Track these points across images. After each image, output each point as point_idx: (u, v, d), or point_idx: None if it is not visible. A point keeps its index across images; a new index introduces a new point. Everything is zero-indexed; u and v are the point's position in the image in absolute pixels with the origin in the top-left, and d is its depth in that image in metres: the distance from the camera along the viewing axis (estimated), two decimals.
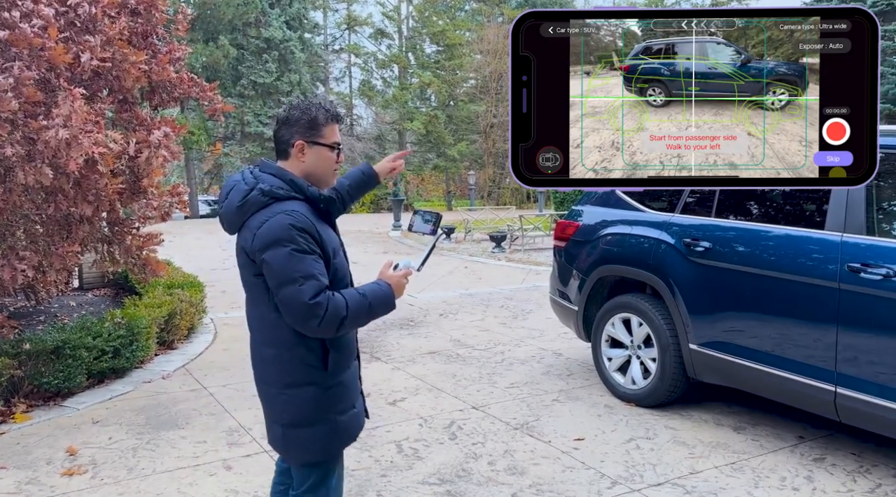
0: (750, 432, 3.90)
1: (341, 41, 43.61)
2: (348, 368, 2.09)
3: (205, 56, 30.79)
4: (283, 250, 1.87)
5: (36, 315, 5.96)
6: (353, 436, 2.13)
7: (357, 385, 2.15)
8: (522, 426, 4.03)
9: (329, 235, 2.02)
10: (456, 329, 6.74)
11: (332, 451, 2.11)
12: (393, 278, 2.06)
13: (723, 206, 3.96)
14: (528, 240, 15.10)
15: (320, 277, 1.90)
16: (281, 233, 1.88)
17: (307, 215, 1.94)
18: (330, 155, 2.04)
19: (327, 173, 2.07)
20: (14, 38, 3.69)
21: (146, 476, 3.41)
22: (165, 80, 5.14)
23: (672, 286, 4.03)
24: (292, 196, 1.96)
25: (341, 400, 2.06)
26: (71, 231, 4.70)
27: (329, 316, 1.89)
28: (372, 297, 1.98)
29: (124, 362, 5.03)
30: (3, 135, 3.64)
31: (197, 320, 6.72)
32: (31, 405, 4.41)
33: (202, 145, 28.55)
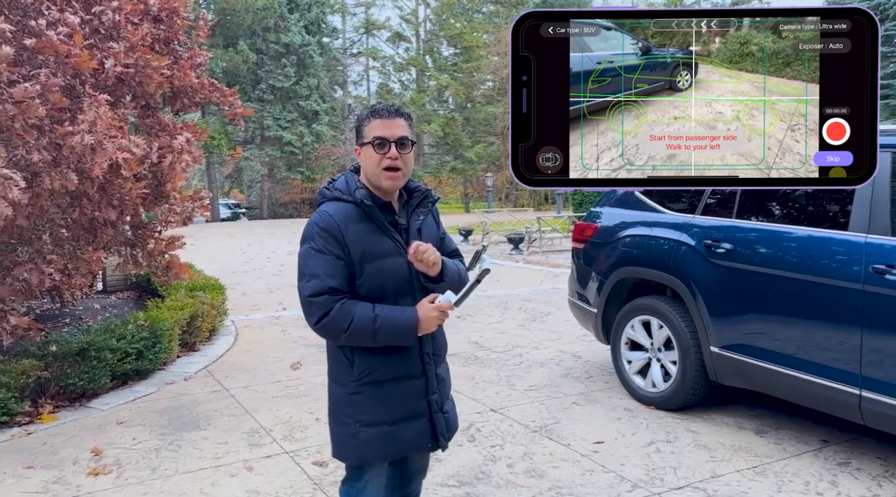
0: (772, 436, 3.86)
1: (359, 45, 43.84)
2: (385, 383, 1.99)
3: (225, 61, 31.13)
4: (304, 247, 1.98)
5: (61, 317, 6.06)
6: (381, 454, 2.03)
7: (404, 407, 2.02)
8: (541, 429, 4.03)
9: (366, 240, 1.94)
10: (474, 331, 6.74)
11: (353, 458, 2.05)
12: (425, 309, 1.95)
13: (744, 207, 3.93)
14: (546, 242, 15.06)
15: (326, 278, 1.89)
16: (307, 230, 1.98)
17: (335, 216, 1.94)
18: (371, 152, 1.96)
19: (374, 173, 1.97)
20: (41, 46, 3.76)
21: (169, 476, 3.45)
22: (187, 85, 5.21)
23: (693, 288, 3.99)
24: (337, 197, 2.00)
25: (367, 411, 1.99)
26: (96, 235, 4.78)
27: (328, 322, 1.87)
28: (382, 322, 1.90)
29: (147, 364, 5.10)
30: (31, 141, 3.72)
31: (218, 322, 6.80)
32: (58, 406, 4.49)
33: (223, 150, 28.86)
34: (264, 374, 5.33)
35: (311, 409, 4.41)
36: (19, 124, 3.64)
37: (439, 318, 1.96)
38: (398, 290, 1.99)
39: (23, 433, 4.06)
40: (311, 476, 3.40)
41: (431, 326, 1.97)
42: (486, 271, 1.91)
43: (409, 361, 2.03)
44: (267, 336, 6.71)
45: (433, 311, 1.94)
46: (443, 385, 2.14)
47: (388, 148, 1.93)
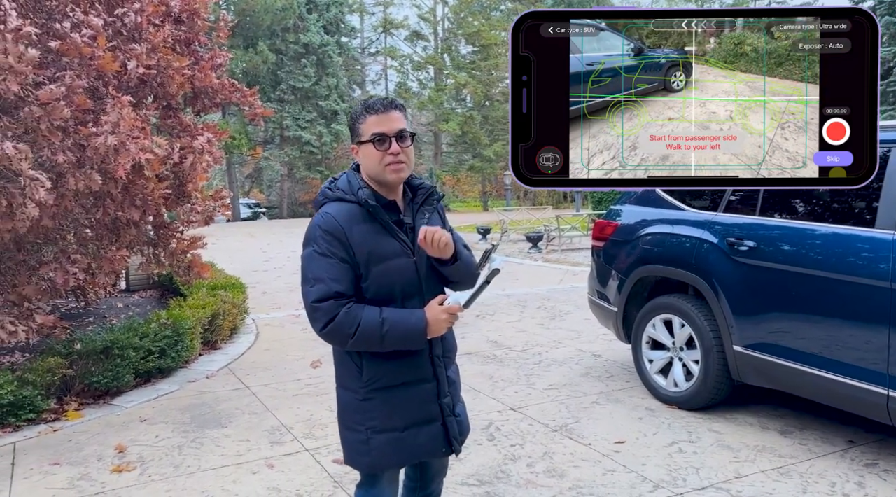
0: (797, 436, 3.80)
1: (377, 44, 43.97)
2: (396, 389, 1.95)
3: (245, 62, 31.38)
4: (307, 250, 1.92)
5: (86, 316, 6.15)
6: (394, 461, 2.00)
7: (416, 412, 1.98)
8: (561, 428, 4.00)
9: (371, 241, 1.89)
10: (493, 330, 6.73)
11: (365, 465, 2.01)
12: (433, 311, 1.89)
13: (767, 204, 3.87)
14: (566, 240, 14.99)
15: (330, 282, 1.83)
16: (310, 233, 1.92)
17: (338, 217, 1.88)
18: (371, 150, 1.88)
19: (377, 170, 1.89)
20: (66, 48, 3.82)
21: (192, 473, 3.48)
22: (208, 85, 5.26)
23: (715, 286, 3.95)
24: (340, 197, 1.93)
25: (378, 417, 1.95)
26: (119, 235, 4.84)
27: (334, 327, 1.82)
28: (389, 326, 1.84)
29: (170, 362, 5.16)
30: (56, 142, 3.77)
31: (239, 321, 6.86)
32: (83, 403, 4.56)
33: (243, 150, 29.12)
34: (285, 372, 5.36)
35: (331, 408, 4.43)
36: (45, 126, 3.70)
37: (448, 321, 1.90)
38: (406, 291, 1.94)
39: (49, 430, 4.13)
40: (331, 474, 3.42)
41: (441, 329, 1.90)
42: (495, 271, 1.84)
43: (419, 365, 1.98)
44: (287, 334, 6.76)
45: (442, 313, 1.88)
46: (454, 388, 2.09)
47: (389, 143, 1.86)
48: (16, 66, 3.52)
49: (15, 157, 3.53)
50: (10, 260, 4.60)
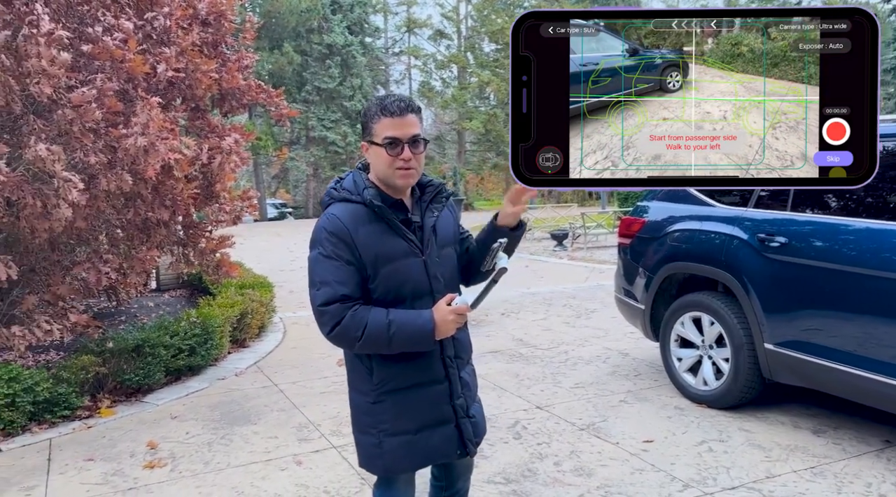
0: (831, 436, 3.72)
1: (401, 44, 44.08)
2: (407, 391, 1.92)
3: (270, 63, 31.71)
4: (313, 252, 1.88)
5: (117, 315, 6.27)
6: (407, 464, 1.98)
7: (428, 414, 1.95)
8: (589, 427, 3.98)
9: (378, 242, 1.85)
10: (518, 328, 6.70)
11: (379, 469, 1.99)
12: (441, 312, 1.83)
13: (798, 199, 3.80)
14: (591, 238, 14.89)
15: (336, 285, 1.80)
16: (316, 235, 1.88)
17: (343, 219, 1.84)
18: (382, 153, 1.82)
19: (385, 173, 1.85)
20: (97, 52, 3.89)
21: (221, 470, 3.53)
22: (234, 87, 5.32)
23: (746, 283, 3.88)
24: (346, 198, 1.89)
25: (389, 420, 1.93)
26: (149, 235, 4.92)
27: (341, 330, 1.80)
28: (397, 328, 1.80)
29: (199, 360, 5.24)
30: (88, 144, 3.85)
31: (267, 319, 6.93)
32: (115, 400, 4.64)
33: (269, 150, 29.42)
34: (312, 370, 5.41)
35: None
36: (77, 128, 3.77)
37: (456, 322, 1.84)
38: (415, 292, 1.89)
39: (83, 426, 4.22)
40: (358, 471, 3.43)
41: (449, 330, 1.84)
42: (503, 270, 1.80)
43: (430, 366, 1.94)
44: (314, 333, 6.78)
45: (450, 314, 1.82)
46: (468, 389, 2.04)
47: (401, 149, 1.80)
48: (49, 70, 3.59)
49: (49, 159, 3.61)
50: (44, 260, 4.71)
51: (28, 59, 3.61)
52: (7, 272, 4.01)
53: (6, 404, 3.99)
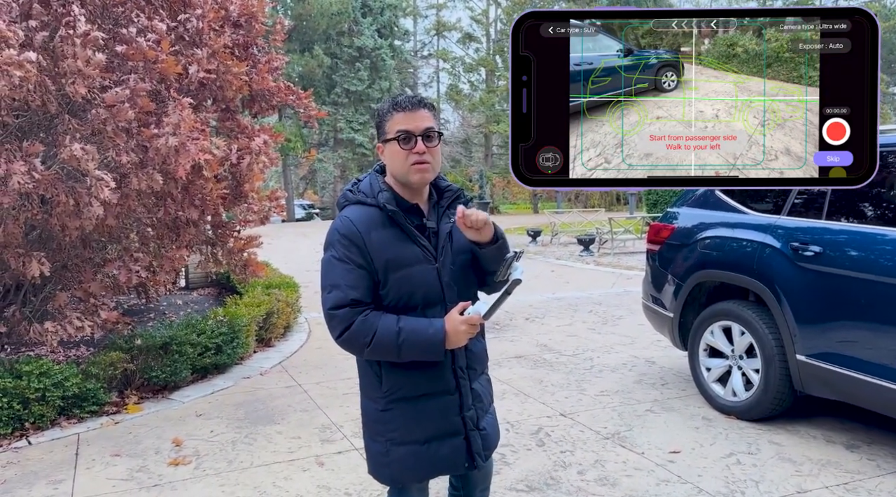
0: (865, 451, 3.62)
1: (430, 47, 44.22)
2: (416, 400, 1.88)
3: (300, 65, 32.03)
4: (326, 255, 1.86)
5: (146, 313, 6.36)
6: (414, 475, 1.94)
7: (438, 425, 1.90)
8: (613, 436, 3.92)
9: (390, 248, 1.81)
10: (543, 333, 6.65)
11: (387, 478, 1.96)
12: (453, 322, 1.78)
13: (834, 207, 3.70)
14: (618, 243, 14.74)
15: (346, 289, 1.78)
16: (329, 237, 1.86)
17: (356, 222, 1.81)
18: (397, 149, 1.79)
19: (402, 170, 1.81)
20: (131, 52, 3.95)
21: (244, 469, 3.55)
22: (264, 88, 5.36)
23: (778, 293, 3.79)
24: (361, 201, 1.86)
25: (397, 429, 1.89)
26: (179, 234, 4.98)
27: (350, 335, 1.77)
28: (406, 336, 1.76)
29: (225, 358, 5.28)
30: (120, 143, 3.91)
31: (292, 319, 6.97)
32: (142, 397, 4.70)
33: (298, 152, 29.71)
34: (335, 371, 5.42)
35: None
36: (110, 127, 3.83)
37: (468, 332, 1.79)
38: (427, 299, 1.85)
39: (110, 422, 4.28)
40: None
41: (460, 341, 1.79)
42: (516, 281, 1.75)
43: (440, 376, 1.89)
44: None
45: (462, 324, 1.77)
46: (479, 400, 1.98)
47: (415, 142, 1.77)
48: (84, 70, 3.66)
49: (83, 158, 3.67)
50: (76, 257, 4.79)
51: (64, 60, 3.67)
52: (40, 268, 4.08)
53: (37, 398, 4.07)
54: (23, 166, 3.62)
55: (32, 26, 3.76)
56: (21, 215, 4.00)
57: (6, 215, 3.98)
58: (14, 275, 4.37)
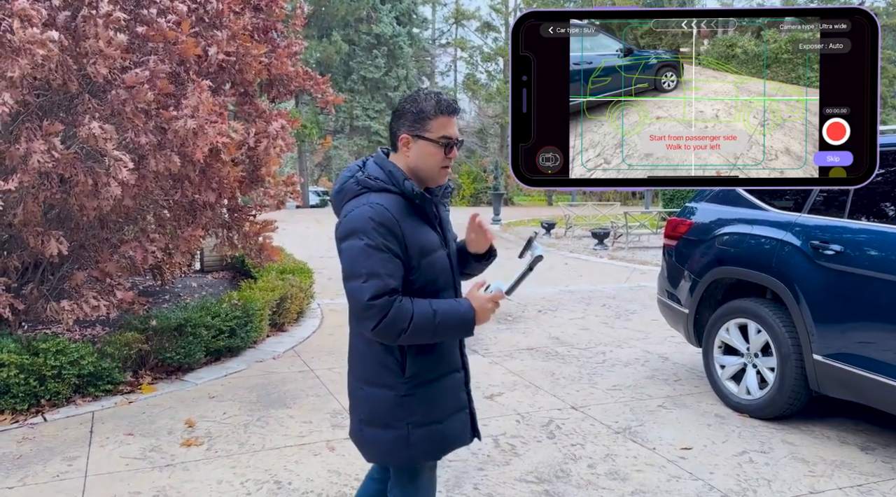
0: (880, 453, 3.58)
1: (448, 35, 44.02)
2: (435, 381, 1.93)
3: (318, 52, 32.00)
4: (358, 243, 1.79)
5: (161, 294, 6.41)
6: (433, 453, 1.97)
7: (452, 402, 1.98)
8: (625, 430, 3.90)
9: (419, 234, 1.86)
10: (555, 326, 6.63)
11: (405, 460, 1.97)
12: (479, 300, 1.85)
13: (856, 206, 3.64)
14: (633, 237, 14.65)
15: (386, 278, 1.76)
16: (360, 224, 1.80)
17: (391, 210, 1.81)
18: (435, 151, 1.84)
19: (433, 171, 1.88)
20: (151, 34, 3.95)
21: (256, 451, 3.57)
22: (283, 73, 5.36)
23: (796, 291, 3.75)
24: (385, 188, 1.85)
25: (419, 412, 1.91)
26: (195, 216, 5.00)
27: (387, 322, 1.75)
28: (441, 317, 1.80)
29: (239, 342, 5.31)
30: (139, 124, 3.92)
31: (305, 305, 7.00)
32: (156, 378, 4.74)
33: (314, 138, 29.73)
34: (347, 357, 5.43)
35: None
36: (129, 108, 3.84)
37: (493, 309, 1.87)
38: (446, 283, 1.94)
39: (125, 401, 4.32)
40: None
41: (487, 317, 1.87)
42: (538, 258, 1.84)
43: (454, 356, 1.99)
44: None
45: (488, 301, 1.85)
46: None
47: (453, 150, 1.87)
48: (105, 51, 3.66)
49: (101, 137, 3.68)
50: (94, 237, 4.83)
51: (86, 40, 3.68)
52: (58, 247, 4.12)
53: (53, 376, 4.11)
54: (42, 145, 3.64)
55: (55, 5, 3.77)
56: (40, 194, 4.03)
57: (26, 194, 4.01)
58: (32, 253, 4.41)
